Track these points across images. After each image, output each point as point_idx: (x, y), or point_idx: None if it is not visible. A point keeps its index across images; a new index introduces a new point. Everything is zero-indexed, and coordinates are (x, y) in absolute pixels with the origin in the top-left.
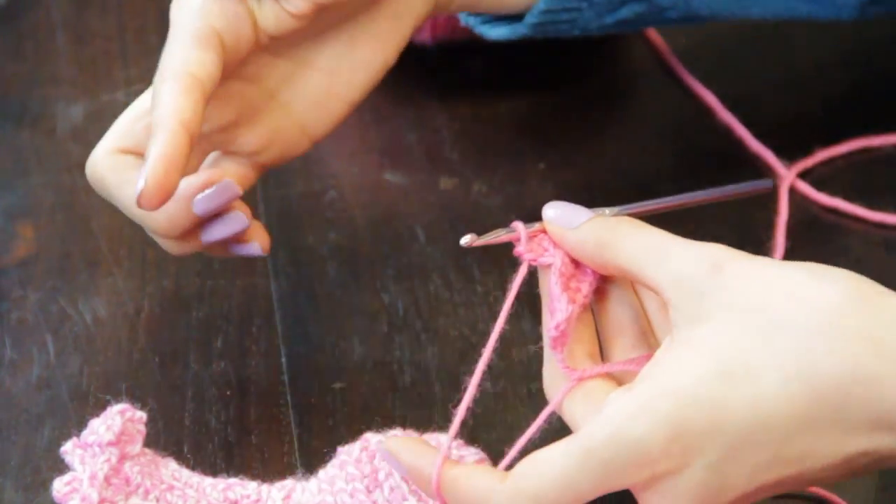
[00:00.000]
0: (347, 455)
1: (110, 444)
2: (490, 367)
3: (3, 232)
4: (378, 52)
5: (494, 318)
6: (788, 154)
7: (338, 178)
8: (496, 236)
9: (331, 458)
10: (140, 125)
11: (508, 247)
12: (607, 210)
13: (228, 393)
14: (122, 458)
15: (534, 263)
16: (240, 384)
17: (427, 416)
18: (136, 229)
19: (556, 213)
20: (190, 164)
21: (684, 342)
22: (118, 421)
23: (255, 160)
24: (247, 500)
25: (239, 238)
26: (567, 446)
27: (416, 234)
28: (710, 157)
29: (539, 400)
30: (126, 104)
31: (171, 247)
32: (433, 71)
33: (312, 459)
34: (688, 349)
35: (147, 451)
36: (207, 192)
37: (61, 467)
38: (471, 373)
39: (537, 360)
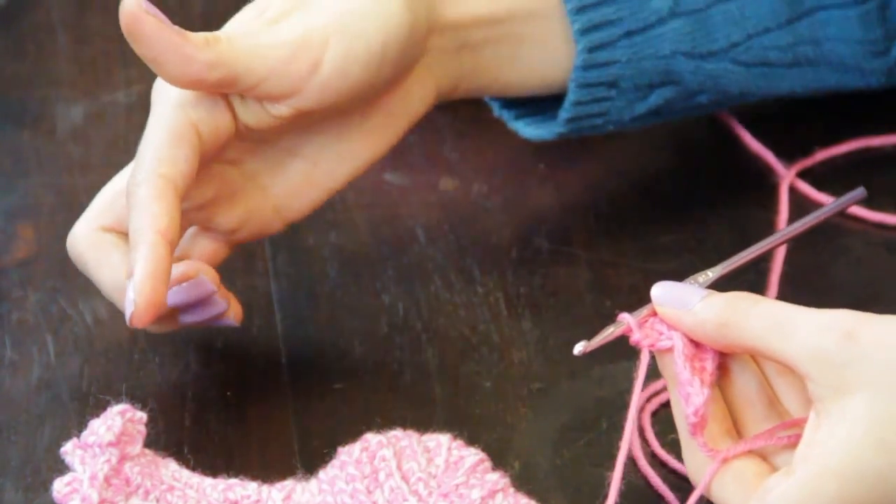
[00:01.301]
0: (348, 455)
1: (110, 444)
2: (490, 367)
3: (3, 232)
4: (367, 147)
5: (494, 318)
6: (788, 154)
7: None
8: (608, 335)
9: (331, 458)
10: (119, 202)
11: (508, 248)
12: (710, 273)
13: (228, 393)
14: (123, 458)
15: (653, 349)
16: (240, 384)
17: (427, 416)
18: None
19: (664, 294)
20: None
21: (835, 417)
22: (118, 421)
23: (229, 238)
24: (247, 501)
25: (216, 317)
26: None
27: (416, 234)
28: (711, 157)
29: (539, 399)
30: (126, 104)
31: (150, 328)
32: None
33: (312, 460)
34: (840, 424)
35: (147, 451)
36: (183, 286)
37: (61, 468)
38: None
39: (537, 360)
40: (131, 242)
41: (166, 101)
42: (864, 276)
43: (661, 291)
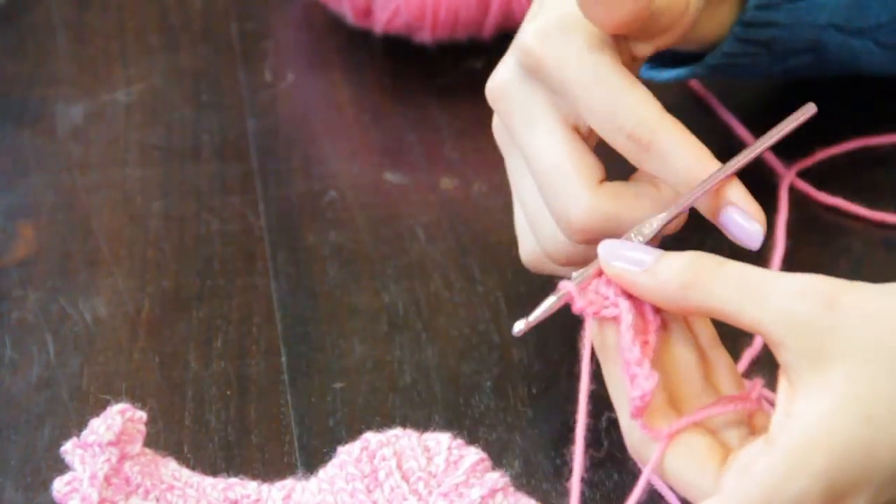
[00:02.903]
0: (347, 455)
1: (110, 443)
2: (490, 367)
3: (3, 232)
4: (655, 37)
5: (494, 317)
6: (788, 153)
7: (338, 178)
8: (548, 308)
9: (331, 457)
10: None
11: (508, 247)
12: (654, 222)
13: (228, 393)
14: (123, 457)
15: (597, 317)
16: (240, 384)
17: (427, 416)
18: (135, 230)
19: (612, 253)
20: None
21: (816, 387)
22: (118, 421)
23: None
24: (247, 500)
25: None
26: None
27: (417, 234)
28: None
29: (539, 399)
30: (126, 103)
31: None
32: (433, 71)
33: (312, 459)
34: (823, 395)
35: (147, 450)
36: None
37: (61, 467)
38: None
39: (537, 360)
40: (636, 134)
41: (528, 114)
42: (864, 276)
43: (609, 250)
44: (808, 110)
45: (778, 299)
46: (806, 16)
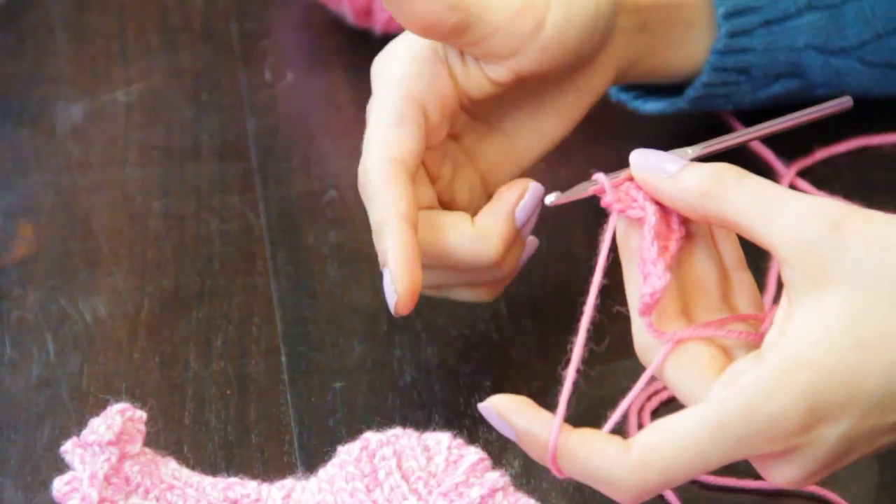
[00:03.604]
0: (347, 454)
1: (110, 443)
2: (490, 367)
3: (3, 231)
4: (558, 124)
5: (494, 317)
6: (788, 153)
7: (338, 178)
8: (581, 191)
9: (330, 457)
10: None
11: None
12: (689, 150)
13: (228, 392)
14: (122, 457)
15: (623, 214)
16: (240, 383)
17: (427, 416)
18: (135, 229)
19: (643, 160)
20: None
21: (811, 308)
22: (118, 420)
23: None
24: (247, 500)
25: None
26: (699, 418)
27: None
28: (710, 156)
29: (540, 399)
30: (125, 103)
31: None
32: None
33: (312, 459)
34: (817, 316)
35: (147, 450)
36: (526, 201)
37: (61, 466)
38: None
39: (536, 359)
40: (375, 232)
41: (388, 79)
42: None
43: (640, 158)
44: (844, 102)
45: (788, 217)
46: (781, 39)
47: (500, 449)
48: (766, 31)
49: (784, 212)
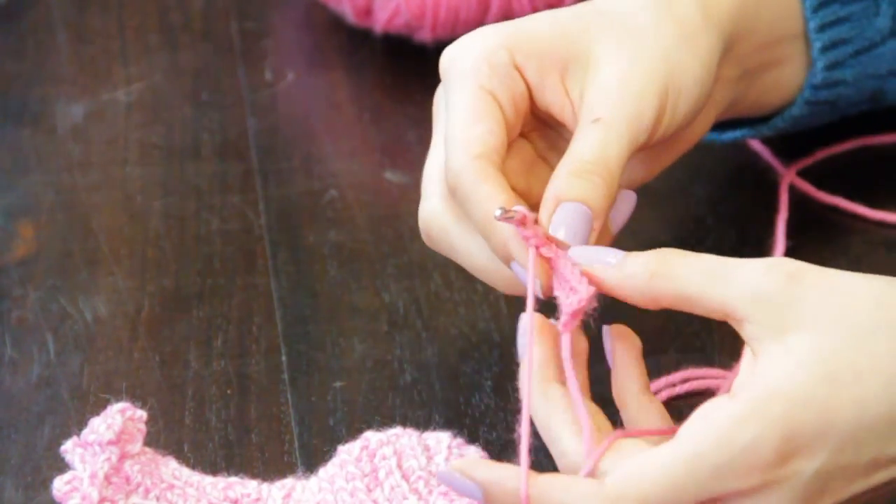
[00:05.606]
0: (348, 454)
1: (111, 442)
2: (490, 366)
3: (3, 231)
4: (644, 169)
5: (495, 316)
6: (788, 153)
7: (338, 178)
8: (502, 216)
9: (331, 456)
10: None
11: None
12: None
13: (229, 392)
14: (123, 456)
15: (536, 253)
16: (240, 383)
17: (427, 416)
18: (136, 229)
19: (584, 253)
20: None
21: (780, 350)
22: (118, 420)
23: None
24: (247, 499)
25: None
26: (673, 450)
27: (417, 232)
28: (710, 155)
29: None
30: (126, 103)
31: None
32: (433, 71)
33: (312, 458)
34: (787, 355)
35: (147, 449)
36: (620, 207)
37: (61, 466)
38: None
39: None
40: (482, 230)
41: (461, 70)
42: None
43: (581, 252)
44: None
45: (743, 276)
46: (868, 68)
47: (501, 449)
48: (855, 62)
49: (738, 273)
